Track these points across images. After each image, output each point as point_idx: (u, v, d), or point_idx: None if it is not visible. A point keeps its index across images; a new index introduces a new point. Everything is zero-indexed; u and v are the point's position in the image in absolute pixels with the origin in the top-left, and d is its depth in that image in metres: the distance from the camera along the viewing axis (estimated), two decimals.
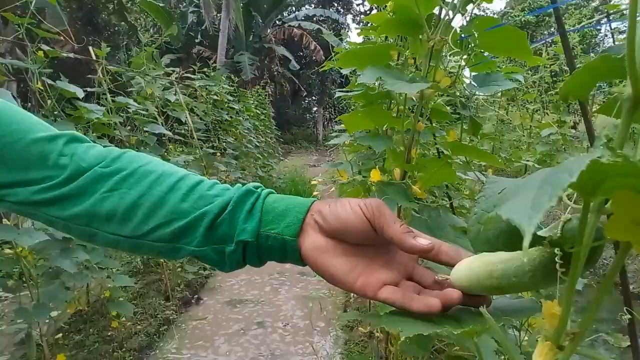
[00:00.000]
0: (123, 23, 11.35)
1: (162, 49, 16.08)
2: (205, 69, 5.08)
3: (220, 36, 14.61)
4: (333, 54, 2.34)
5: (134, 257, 3.95)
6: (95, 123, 2.56)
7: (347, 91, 1.89)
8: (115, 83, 3.16)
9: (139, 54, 3.71)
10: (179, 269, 3.58)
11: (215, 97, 5.25)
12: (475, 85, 1.22)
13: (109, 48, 2.93)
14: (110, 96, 3.03)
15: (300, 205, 0.50)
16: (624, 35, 0.34)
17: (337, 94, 2.00)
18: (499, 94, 8.09)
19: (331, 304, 3.40)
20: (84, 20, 9.89)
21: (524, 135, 7.22)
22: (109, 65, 3.07)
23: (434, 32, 0.95)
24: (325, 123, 23.38)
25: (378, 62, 0.98)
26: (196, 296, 3.54)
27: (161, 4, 13.02)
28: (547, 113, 7.13)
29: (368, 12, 20.51)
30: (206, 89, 4.99)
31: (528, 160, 3.80)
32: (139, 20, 13.22)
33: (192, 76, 4.89)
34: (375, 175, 1.05)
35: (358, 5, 21.03)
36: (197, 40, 17.80)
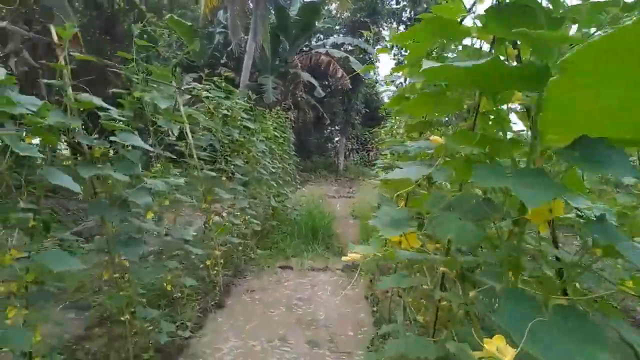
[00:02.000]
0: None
1: (184, 65, 15.71)
2: (215, 78, 4.29)
3: (245, 58, 14.15)
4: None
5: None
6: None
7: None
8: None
9: (160, 67, 3.12)
10: (149, 327, 2.69)
11: (226, 112, 4.44)
12: None
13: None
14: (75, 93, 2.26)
15: None
16: None
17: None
18: None
19: None
20: (103, 28, 9.40)
21: None
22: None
23: None
24: (347, 153, 22.51)
25: None
26: None
27: (189, 23, 12.68)
28: None
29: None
30: (215, 100, 4.20)
31: None
32: (159, 34, 12.77)
33: (198, 85, 4.13)
34: None
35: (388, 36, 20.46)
36: (222, 61, 17.40)
